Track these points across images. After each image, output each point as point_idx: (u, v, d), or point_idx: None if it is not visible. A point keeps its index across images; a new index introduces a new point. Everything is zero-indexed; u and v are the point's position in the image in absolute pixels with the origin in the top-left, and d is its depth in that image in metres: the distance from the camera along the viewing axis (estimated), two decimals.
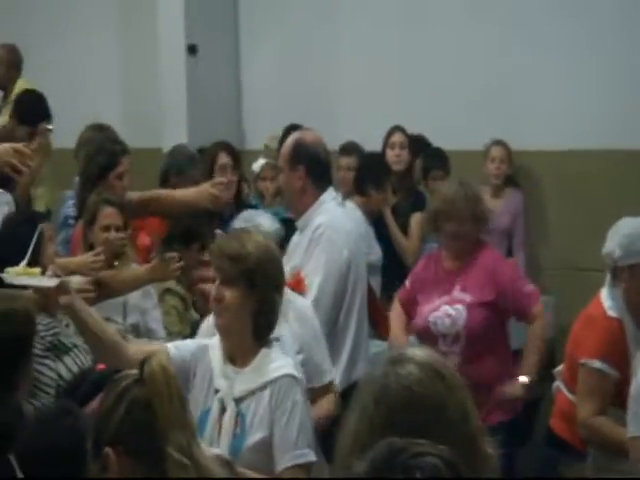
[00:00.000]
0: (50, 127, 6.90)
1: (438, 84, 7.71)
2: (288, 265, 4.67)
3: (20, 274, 3.58)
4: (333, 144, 6.71)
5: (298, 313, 4.20)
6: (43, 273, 3.57)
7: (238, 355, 3.42)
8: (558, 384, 4.65)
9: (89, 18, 9.61)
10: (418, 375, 2.18)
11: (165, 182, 6.03)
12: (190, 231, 5.48)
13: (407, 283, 5.11)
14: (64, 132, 6.42)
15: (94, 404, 2.95)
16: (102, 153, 5.36)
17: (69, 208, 5.77)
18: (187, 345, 3.60)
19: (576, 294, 6.83)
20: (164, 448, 2.34)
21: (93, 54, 9.55)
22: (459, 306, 4.78)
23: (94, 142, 5.57)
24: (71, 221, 5.63)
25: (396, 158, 6.84)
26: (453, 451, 1.73)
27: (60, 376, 4.13)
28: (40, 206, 7.29)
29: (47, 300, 3.81)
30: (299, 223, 4.81)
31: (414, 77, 7.88)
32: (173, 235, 5.50)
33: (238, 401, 3.38)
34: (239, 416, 3.37)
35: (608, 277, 4.51)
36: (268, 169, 6.97)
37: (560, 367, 4.73)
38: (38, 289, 3.65)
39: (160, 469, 2.34)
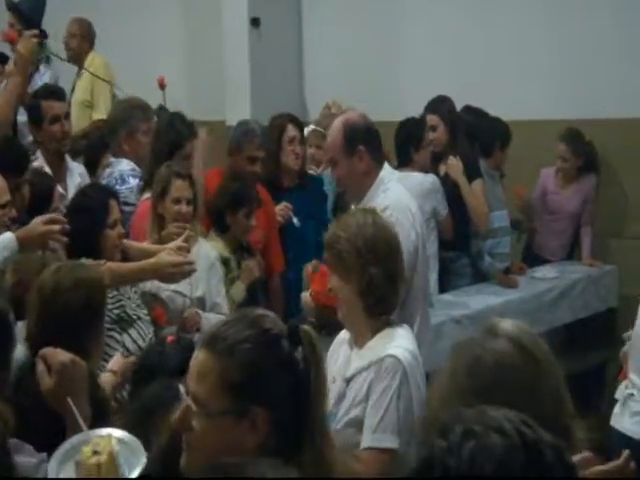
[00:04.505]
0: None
1: (499, 56, 7.72)
2: None
3: None
4: (397, 115, 6.71)
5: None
6: None
7: (359, 337, 3.44)
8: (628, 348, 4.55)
9: None
10: (513, 354, 2.20)
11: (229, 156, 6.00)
12: (237, 197, 5.37)
13: None
14: None
15: None
16: (170, 131, 5.38)
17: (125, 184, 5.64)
18: None
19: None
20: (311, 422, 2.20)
21: (157, 28, 9.62)
22: None
23: (164, 120, 5.59)
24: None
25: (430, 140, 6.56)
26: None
27: (125, 348, 4.20)
28: None
29: None
30: (359, 204, 4.46)
31: (474, 48, 7.86)
32: (220, 202, 5.41)
33: (349, 380, 3.39)
34: (343, 397, 3.37)
35: None
36: (314, 136, 6.84)
37: (630, 332, 4.63)
38: None
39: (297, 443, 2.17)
